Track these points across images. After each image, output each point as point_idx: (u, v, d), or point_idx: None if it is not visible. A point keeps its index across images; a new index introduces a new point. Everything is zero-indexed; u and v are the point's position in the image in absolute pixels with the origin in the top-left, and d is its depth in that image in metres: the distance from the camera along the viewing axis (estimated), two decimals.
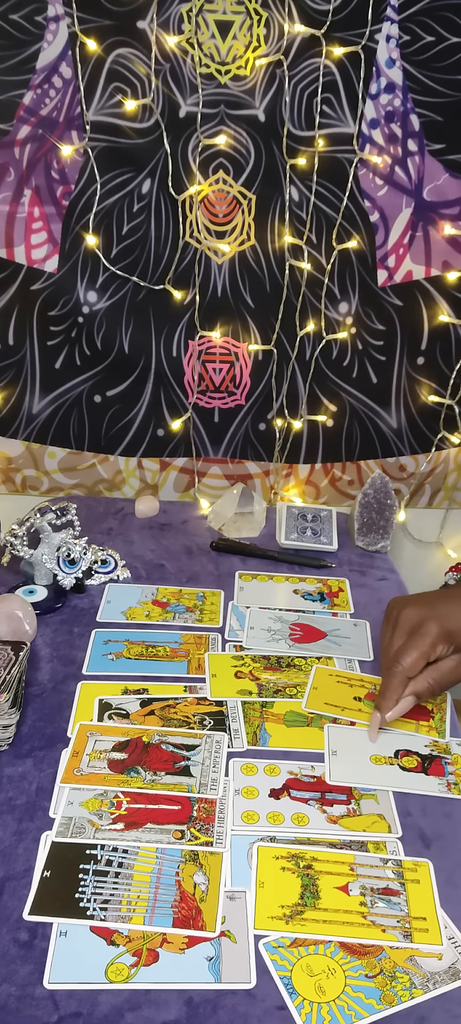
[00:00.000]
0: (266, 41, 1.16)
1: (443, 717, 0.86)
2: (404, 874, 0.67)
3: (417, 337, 1.30)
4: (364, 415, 1.35)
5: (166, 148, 1.19)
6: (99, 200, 1.22)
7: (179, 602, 1.05)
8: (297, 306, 1.28)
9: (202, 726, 0.82)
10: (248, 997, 0.58)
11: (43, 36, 1.14)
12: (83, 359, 1.30)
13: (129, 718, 0.83)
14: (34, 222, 1.23)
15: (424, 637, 0.81)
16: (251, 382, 1.33)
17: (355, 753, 0.80)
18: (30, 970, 0.59)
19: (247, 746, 0.80)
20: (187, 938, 0.61)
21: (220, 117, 1.19)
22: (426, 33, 1.16)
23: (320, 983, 0.58)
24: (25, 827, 0.70)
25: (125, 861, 0.67)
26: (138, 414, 1.34)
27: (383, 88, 1.19)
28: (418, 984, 0.59)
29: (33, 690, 0.87)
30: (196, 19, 1.15)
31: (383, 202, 1.24)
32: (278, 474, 1.39)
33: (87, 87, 1.17)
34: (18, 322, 1.27)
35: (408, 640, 0.82)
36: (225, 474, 1.39)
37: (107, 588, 1.07)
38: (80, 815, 0.71)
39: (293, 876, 0.66)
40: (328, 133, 1.20)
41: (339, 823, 0.72)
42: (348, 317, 1.29)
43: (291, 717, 0.84)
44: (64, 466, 1.37)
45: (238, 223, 1.24)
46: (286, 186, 1.22)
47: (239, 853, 0.68)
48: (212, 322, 1.29)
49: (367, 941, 0.62)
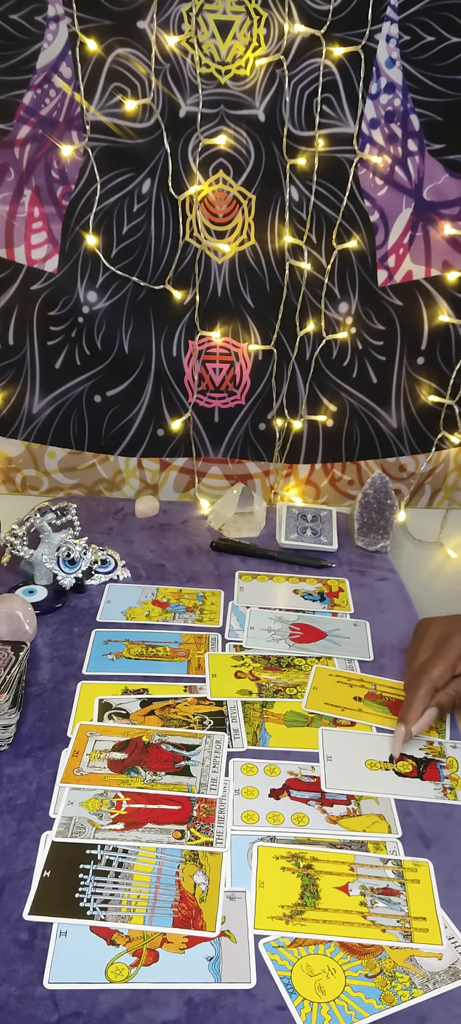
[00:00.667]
0: (266, 41, 1.16)
1: (443, 717, 0.86)
2: (404, 874, 0.67)
3: (417, 337, 1.30)
4: (364, 415, 1.35)
5: (166, 148, 1.19)
6: (99, 200, 1.22)
7: (179, 602, 1.05)
8: (297, 306, 1.28)
9: (202, 726, 0.82)
10: (248, 997, 0.58)
11: (43, 36, 1.14)
12: (83, 359, 1.30)
13: (129, 718, 0.83)
14: (34, 222, 1.23)
15: (451, 649, 0.82)
16: (251, 382, 1.33)
17: (350, 758, 0.79)
18: (30, 970, 0.59)
19: (247, 746, 0.80)
20: (187, 938, 0.61)
21: (220, 117, 1.19)
22: (426, 33, 1.16)
23: (320, 983, 0.58)
24: (25, 827, 0.70)
25: (125, 861, 0.67)
26: (138, 414, 1.34)
27: (383, 88, 1.19)
28: (418, 984, 0.59)
29: (33, 690, 0.87)
30: (196, 19, 1.15)
31: (383, 202, 1.24)
32: (278, 474, 1.39)
33: (87, 87, 1.17)
34: (18, 322, 1.27)
35: (435, 652, 0.83)
36: (225, 474, 1.39)
37: (107, 588, 1.07)
38: (80, 815, 0.71)
39: (293, 876, 0.66)
40: (328, 133, 1.20)
41: (339, 823, 0.72)
42: (348, 317, 1.29)
43: (291, 717, 0.84)
44: (64, 466, 1.37)
45: (238, 223, 1.24)
46: (286, 186, 1.22)
47: (239, 853, 0.68)
48: (212, 322, 1.29)
49: (367, 941, 0.62)
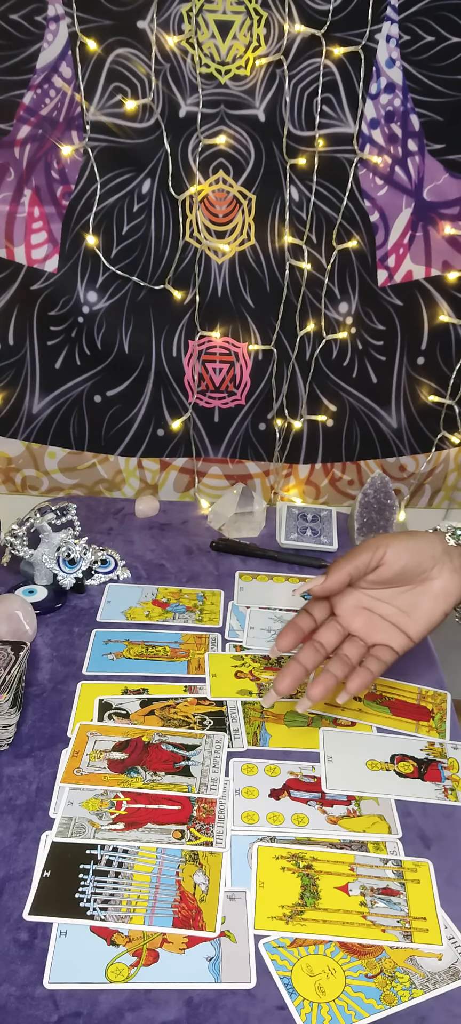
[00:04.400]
0: (266, 41, 1.16)
1: (443, 717, 0.86)
2: (404, 874, 0.67)
3: (417, 337, 1.30)
4: (364, 415, 1.35)
5: (166, 148, 1.19)
6: (99, 200, 1.22)
7: (179, 602, 1.05)
8: (297, 306, 1.28)
9: (202, 726, 0.82)
10: (248, 997, 0.58)
11: (43, 36, 1.14)
12: (83, 359, 1.30)
13: (129, 718, 0.83)
14: (34, 222, 1.23)
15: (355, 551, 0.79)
16: (251, 382, 1.33)
17: (351, 758, 0.79)
18: (30, 970, 0.59)
19: (247, 746, 0.80)
20: (187, 938, 0.61)
21: (220, 117, 1.19)
22: (426, 33, 1.16)
23: (320, 983, 0.58)
24: (25, 827, 0.70)
25: (125, 861, 0.67)
26: (138, 414, 1.34)
27: (383, 88, 1.19)
28: (418, 984, 0.59)
29: (33, 690, 0.87)
30: (196, 19, 1.15)
31: (383, 202, 1.24)
32: (278, 474, 1.39)
33: (87, 87, 1.17)
34: (18, 322, 1.27)
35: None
36: (225, 474, 1.39)
37: (107, 588, 1.07)
38: (80, 815, 0.71)
39: (293, 876, 0.66)
40: (328, 133, 1.20)
41: (339, 823, 0.72)
42: (348, 317, 1.29)
43: (291, 717, 0.84)
44: (64, 466, 1.37)
45: (238, 223, 1.24)
46: (286, 186, 1.22)
47: (239, 853, 0.68)
48: (212, 322, 1.29)
49: (367, 941, 0.62)
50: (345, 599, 0.81)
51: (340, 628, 0.80)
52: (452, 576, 0.79)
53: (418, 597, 0.80)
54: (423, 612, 0.79)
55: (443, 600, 0.79)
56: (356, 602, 0.81)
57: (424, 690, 0.90)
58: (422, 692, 0.90)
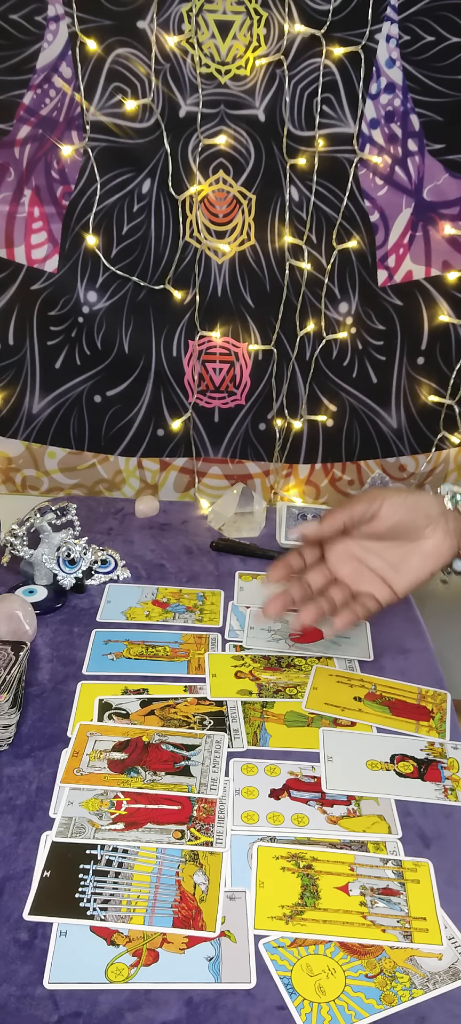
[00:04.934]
0: (266, 41, 1.16)
1: (443, 717, 0.86)
2: (404, 874, 0.67)
3: (417, 337, 1.30)
4: (364, 415, 1.35)
5: (166, 148, 1.19)
6: (99, 200, 1.22)
7: (179, 602, 1.05)
8: (297, 306, 1.28)
9: (202, 726, 0.82)
10: (248, 997, 0.58)
11: (43, 36, 1.14)
12: (83, 359, 1.30)
13: (129, 718, 0.83)
14: (34, 222, 1.23)
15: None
16: (251, 382, 1.33)
17: (351, 758, 0.79)
18: (30, 970, 0.59)
19: (247, 746, 0.80)
20: (187, 938, 0.61)
21: (220, 117, 1.19)
22: (426, 33, 1.16)
23: (320, 983, 0.58)
24: (25, 827, 0.70)
25: (125, 861, 0.67)
26: (138, 414, 1.34)
27: (383, 88, 1.19)
28: (418, 984, 0.59)
29: (33, 690, 0.87)
30: (196, 19, 1.15)
31: (383, 202, 1.24)
32: (278, 474, 1.39)
33: (87, 87, 1.17)
34: (18, 322, 1.27)
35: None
36: (225, 474, 1.39)
37: (107, 588, 1.07)
38: (80, 815, 0.71)
39: (293, 876, 0.66)
40: (328, 133, 1.20)
41: (339, 823, 0.72)
42: (348, 317, 1.29)
43: (291, 717, 0.84)
44: (64, 466, 1.37)
45: (238, 223, 1.24)
46: (286, 186, 1.22)
47: (239, 853, 0.68)
48: (212, 322, 1.29)
49: (367, 941, 0.62)
50: (337, 545, 0.81)
51: (328, 573, 0.80)
52: (445, 537, 0.79)
53: (408, 554, 0.80)
54: (411, 568, 0.80)
55: (433, 560, 0.79)
56: (347, 550, 0.81)
57: (424, 690, 0.90)
58: (422, 692, 0.90)
